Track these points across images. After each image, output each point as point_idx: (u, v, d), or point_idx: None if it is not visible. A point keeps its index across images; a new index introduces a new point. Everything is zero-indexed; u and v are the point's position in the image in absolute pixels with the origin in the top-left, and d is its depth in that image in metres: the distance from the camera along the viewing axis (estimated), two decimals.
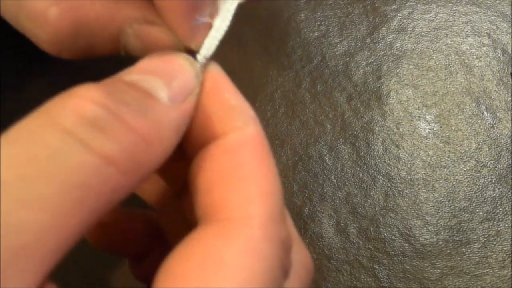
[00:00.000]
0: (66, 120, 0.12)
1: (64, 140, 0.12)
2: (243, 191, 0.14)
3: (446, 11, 0.36)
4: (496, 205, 0.31)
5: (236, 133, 0.15)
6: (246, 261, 0.13)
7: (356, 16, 0.36)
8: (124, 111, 0.13)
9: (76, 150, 0.12)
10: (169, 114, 0.14)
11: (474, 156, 0.32)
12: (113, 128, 0.13)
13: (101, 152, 0.12)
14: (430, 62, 0.35)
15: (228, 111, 0.16)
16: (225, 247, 0.13)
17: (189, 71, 0.16)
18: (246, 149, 0.15)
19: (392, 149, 0.33)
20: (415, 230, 0.31)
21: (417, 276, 0.30)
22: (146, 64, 0.15)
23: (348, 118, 0.33)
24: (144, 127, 0.13)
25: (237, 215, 0.14)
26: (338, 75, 0.35)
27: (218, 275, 0.13)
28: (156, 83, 0.15)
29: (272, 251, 0.14)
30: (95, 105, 0.13)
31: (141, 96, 0.14)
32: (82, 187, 0.12)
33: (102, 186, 0.12)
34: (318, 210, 0.31)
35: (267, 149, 0.15)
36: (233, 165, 0.15)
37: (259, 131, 0.16)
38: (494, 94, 0.34)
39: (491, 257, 0.30)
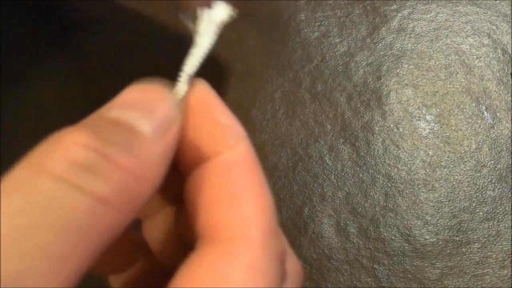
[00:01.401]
0: (56, 166, 0.13)
1: (57, 186, 0.12)
2: (240, 210, 0.15)
3: (446, 11, 0.36)
4: (496, 205, 0.31)
5: (228, 153, 0.16)
6: (250, 278, 0.14)
7: (356, 16, 0.36)
8: (111, 150, 0.13)
9: (70, 195, 0.12)
10: (154, 147, 0.15)
11: (474, 156, 0.32)
12: (102, 168, 0.13)
13: (94, 193, 0.13)
14: (430, 62, 0.35)
15: (219, 130, 0.16)
16: (230, 266, 0.14)
17: (168, 101, 0.16)
18: (239, 168, 0.16)
19: (392, 149, 0.33)
20: (415, 230, 0.31)
21: (417, 276, 0.30)
22: (125, 97, 0.16)
23: (348, 118, 0.33)
24: (132, 163, 0.14)
25: (237, 234, 0.15)
26: (338, 75, 0.35)
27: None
28: (138, 117, 0.15)
29: (272, 266, 0.15)
30: (83, 148, 0.13)
31: (125, 132, 0.14)
32: (79, 229, 0.12)
33: (99, 226, 0.13)
34: (318, 210, 0.31)
35: (258, 165, 0.16)
36: (229, 184, 0.15)
37: (249, 148, 0.16)
38: (494, 94, 0.34)
39: (491, 257, 0.30)
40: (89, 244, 0.13)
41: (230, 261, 0.14)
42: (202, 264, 0.14)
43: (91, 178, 0.13)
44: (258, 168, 0.16)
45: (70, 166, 0.13)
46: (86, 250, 0.13)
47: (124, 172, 0.13)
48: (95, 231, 0.13)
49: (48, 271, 0.12)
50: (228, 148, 0.16)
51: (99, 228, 0.13)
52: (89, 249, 0.13)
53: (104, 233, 0.13)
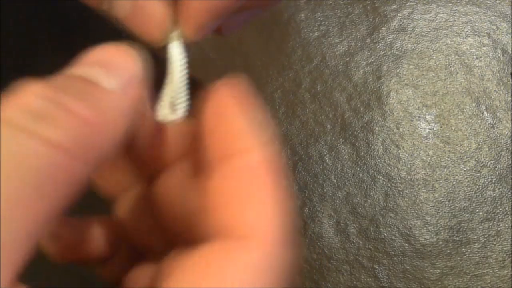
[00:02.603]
0: (10, 113, 0.13)
1: (10, 132, 0.13)
2: (257, 213, 0.15)
3: (446, 11, 0.36)
4: (496, 205, 0.31)
5: (250, 154, 0.16)
6: (251, 277, 0.14)
7: (356, 16, 0.36)
8: (68, 99, 0.14)
9: (22, 140, 0.13)
10: (115, 100, 0.15)
11: (474, 156, 0.32)
12: (56, 115, 0.13)
13: (46, 138, 0.13)
14: (430, 62, 0.35)
15: (241, 132, 0.16)
16: (231, 263, 0.14)
17: (131, 59, 0.16)
18: (261, 171, 0.16)
19: (392, 149, 0.33)
20: (415, 230, 0.31)
21: (417, 276, 0.30)
22: (91, 56, 0.16)
23: (348, 118, 0.33)
24: (89, 112, 0.14)
25: (243, 232, 0.15)
26: (338, 75, 0.35)
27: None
28: (99, 73, 0.15)
29: (278, 268, 0.15)
30: (37, 97, 0.13)
31: (86, 85, 0.15)
32: (34, 174, 0.12)
33: (56, 172, 0.13)
34: (318, 210, 0.31)
35: (280, 171, 0.16)
36: (248, 184, 0.15)
37: (274, 151, 0.16)
38: (494, 94, 0.34)
39: (491, 257, 0.30)
40: (48, 192, 0.13)
41: (233, 260, 0.14)
42: (203, 261, 0.14)
43: (44, 124, 0.13)
44: (281, 174, 0.16)
45: (25, 113, 0.13)
46: (46, 198, 0.13)
47: (78, 119, 0.14)
48: (54, 177, 0.13)
49: (13, 218, 0.12)
50: (251, 149, 0.16)
51: (58, 175, 0.13)
52: (49, 197, 0.13)
53: (62, 180, 0.13)
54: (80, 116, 0.14)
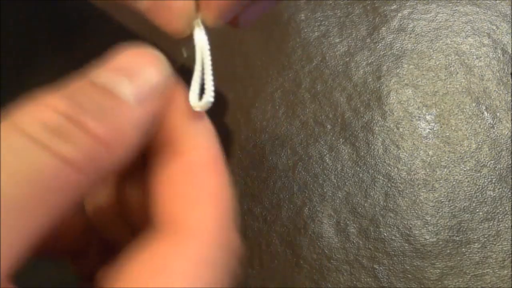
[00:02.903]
0: (29, 126, 0.13)
1: (26, 143, 0.13)
2: (197, 203, 0.15)
3: (446, 11, 0.36)
4: (496, 205, 0.31)
5: (189, 145, 0.16)
6: (195, 269, 0.14)
7: (356, 16, 0.36)
8: (84, 117, 0.14)
9: (37, 153, 0.13)
10: (132, 114, 0.15)
11: (474, 156, 0.32)
12: (72, 133, 0.14)
13: (60, 154, 0.13)
14: (430, 62, 0.35)
15: (184, 121, 0.17)
16: (175, 256, 0.14)
17: (159, 67, 0.16)
18: (200, 161, 0.16)
19: (392, 149, 0.33)
20: (415, 230, 0.31)
21: (417, 276, 0.30)
22: (116, 61, 0.16)
23: (348, 118, 0.33)
24: (103, 130, 0.14)
25: (190, 226, 0.15)
26: (338, 75, 0.35)
27: (167, 284, 0.14)
28: (121, 81, 0.15)
29: (224, 259, 0.15)
30: (56, 112, 0.14)
31: (103, 98, 0.15)
32: (45, 186, 0.13)
33: (62, 185, 0.13)
34: (318, 210, 0.31)
35: (219, 159, 0.17)
36: (188, 176, 0.16)
37: (212, 141, 0.17)
38: (494, 94, 0.34)
39: (491, 257, 0.30)
40: (51, 202, 0.13)
41: (176, 252, 0.14)
42: (148, 253, 0.14)
43: (59, 140, 0.13)
44: (220, 162, 0.16)
45: (41, 127, 0.13)
46: (49, 207, 0.13)
47: (93, 138, 0.14)
48: (61, 189, 0.13)
49: (13, 222, 0.12)
50: (190, 140, 0.16)
51: (65, 187, 0.13)
52: (51, 206, 0.13)
53: (69, 193, 0.14)
54: (95, 135, 0.14)
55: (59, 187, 0.13)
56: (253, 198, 0.32)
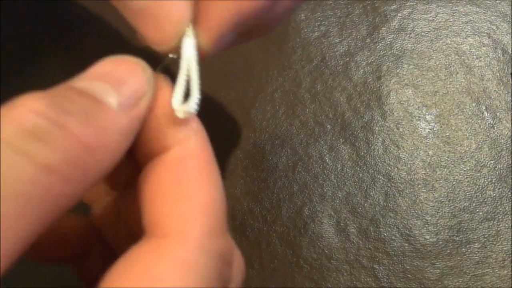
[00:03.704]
0: (6, 131, 0.12)
1: (3, 151, 0.12)
2: (182, 207, 0.15)
3: (446, 11, 0.36)
4: (496, 205, 0.31)
5: (177, 148, 0.16)
6: (180, 276, 0.14)
7: (356, 16, 0.36)
8: (67, 119, 0.13)
9: (15, 161, 0.12)
10: (117, 120, 0.14)
11: (474, 156, 0.32)
12: (53, 136, 0.13)
13: (40, 162, 0.12)
14: (430, 62, 0.35)
15: (171, 124, 0.16)
16: (159, 263, 0.14)
17: (141, 75, 0.16)
18: (187, 164, 0.15)
19: (392, 149, 0.33)
20: (415, 230, 0.31)
21: (417, 276, 0.30)
22: (97, 69, 0.15)
23: (348, 118, 0.33)
24: (87, 134, 0.13)
25: (174, 231, 0.15)
26: (338, 75, 0.35)
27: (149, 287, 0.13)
28: (105, 89, 0.15)
29: (208, 265, 0.14)
30: (36, 115, 0.13)
31: (88, 102, 0.14)
32: (23, 197, 0.12)
33: (44, 195, 0.12)
34: (318, 210, 0.31)
35: (210, 162, 0.16)
36: (175, 180, 0.15)
37: (201, 143, 0.16)
38: (494, 94, 0.34)
39: (491, 257, 0.30)
40: (33, 213, 0.12)
41: (161, 258, 0.14)
42: (134, 260, 0.14)
43: (39, 145, 0.12)
44: (209, 165, 0.16)
45: (19, 132, 0.12)
46: (30, 219, 0.12)
47: (77, 142, 0.13)
48: (41, 199, 0.12)
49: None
50: (178, 143, 0.16)
51: (44, 197, 0.12)
52: (33, 218, 0.12)
53: (49, 203, 0.13)
54: (78, 139, 0.13)
55: (40, 197, 0.12)
56: (253, 198, 0.32)
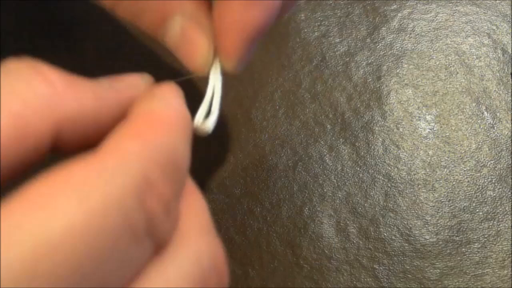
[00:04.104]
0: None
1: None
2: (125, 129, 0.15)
3: (446, 11, 0.36)
4: (496, 205, 0.31)
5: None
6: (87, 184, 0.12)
7: (356, 16, 0.36)
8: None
9: None
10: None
11: (474, 156, 0.32)
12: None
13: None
14: (430, 62, 0.35)
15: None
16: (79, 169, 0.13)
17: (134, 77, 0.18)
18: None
19: (392, 149, 0.33)
20: (415, 230, 0.31)
21: (417, 276, 0.30)
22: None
23: (348, 118, 0.33)
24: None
25: (107, 148, 0.14)
26: (338, 75, 0.35)
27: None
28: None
29: (124, 181, 0.13)
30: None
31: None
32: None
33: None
34: (318, 210, 0.31)
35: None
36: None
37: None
38: (494, 94, 0.34)
39: (491, 257, 0.30)
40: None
41: (82, 165, 0.13)
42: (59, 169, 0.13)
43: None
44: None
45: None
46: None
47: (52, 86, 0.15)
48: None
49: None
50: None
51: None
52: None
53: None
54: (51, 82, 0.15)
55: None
56: (253, 198, 0.32)
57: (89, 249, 0.12)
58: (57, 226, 0.11)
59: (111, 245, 0.12)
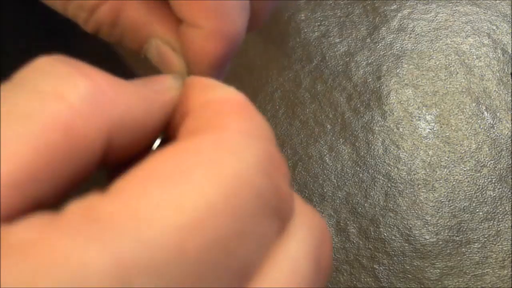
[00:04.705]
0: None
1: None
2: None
3: (446, 11, 0.36)
4: (496, 205, 0.31)
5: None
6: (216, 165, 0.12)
7: (356, 16, 0.36)
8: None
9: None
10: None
11: (474, 156, 0.32)
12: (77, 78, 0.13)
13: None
14: (430, 62, 0.35)
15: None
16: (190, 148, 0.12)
17: (170, 79, 0.18)
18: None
19: (392, 149, 0.33)
20: (415, 230, 0.31)
21: (417, 276, 0.30)
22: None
23: (348, 118, 0.33)
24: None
25: (211, 125, 0.13)
26: (338, 75, 0.35)
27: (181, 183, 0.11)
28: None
29: (253, 158, 0.12)
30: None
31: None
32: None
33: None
34: (318, 210, 0.31)
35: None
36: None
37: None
38: (494, 94, 0.34)
39: (491, 257, 0.30)
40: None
41: (195, 143, 0.12)
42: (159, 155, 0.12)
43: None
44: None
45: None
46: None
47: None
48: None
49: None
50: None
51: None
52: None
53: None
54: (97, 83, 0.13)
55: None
56: None
57: (231, 227, 0.11)
58: (199, 204, 0.11)
59: (249, 223, 0.11)
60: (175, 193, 0.11)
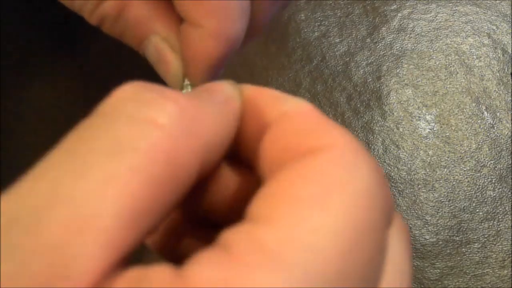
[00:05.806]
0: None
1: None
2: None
3: (446, 11, 0.36)
4: (496, 205, 0.31)
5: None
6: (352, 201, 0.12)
7: (356, 16, 0.36)
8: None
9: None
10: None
11: (474, 156, 0.32)
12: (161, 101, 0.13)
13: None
14: (430, 62, 0.35)
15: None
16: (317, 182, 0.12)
17: (228, 87, 0.17)
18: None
19: (392, 149, 0.33)
20: (415, 230, 0.31)
21: (417, 276, 0.30)
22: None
23: (348, 118, 0.33)
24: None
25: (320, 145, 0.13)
26: (338, 75, 0.35)
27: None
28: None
29: (368, 172, 0.12)
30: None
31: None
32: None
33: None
34: None
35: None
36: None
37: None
38: (494, 94, 0.34)
39: (491, 257, 0.30)
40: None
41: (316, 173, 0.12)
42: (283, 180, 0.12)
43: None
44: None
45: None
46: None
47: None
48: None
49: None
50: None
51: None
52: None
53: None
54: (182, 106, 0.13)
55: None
56: None
57: (373, 241, 0.12)
58: (348, 225, 0.11)
59: (381, 234, 0.12)
60: (326, 217, 0.11)
